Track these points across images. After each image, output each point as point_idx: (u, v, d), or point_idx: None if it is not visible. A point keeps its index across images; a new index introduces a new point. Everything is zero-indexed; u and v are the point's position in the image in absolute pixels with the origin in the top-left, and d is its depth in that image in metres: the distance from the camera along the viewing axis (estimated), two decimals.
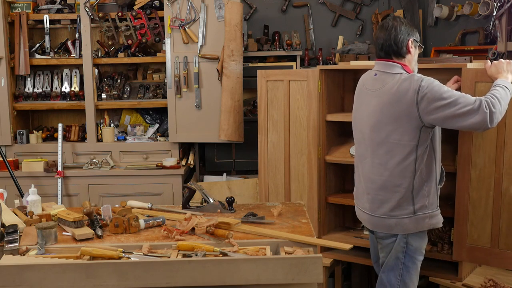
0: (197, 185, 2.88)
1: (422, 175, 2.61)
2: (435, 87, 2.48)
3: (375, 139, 2.65)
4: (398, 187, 2.62)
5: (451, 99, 2.46)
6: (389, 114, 2.58)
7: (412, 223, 2.65)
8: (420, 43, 2.72)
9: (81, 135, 4.49)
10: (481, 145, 2.82)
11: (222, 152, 4.53)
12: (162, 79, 4.54)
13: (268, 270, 2.07)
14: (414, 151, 2.57)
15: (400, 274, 2.72)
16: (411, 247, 2.68)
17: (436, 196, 2.70)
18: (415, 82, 2.51)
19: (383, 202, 2.66)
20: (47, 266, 2.06)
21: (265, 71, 3.73)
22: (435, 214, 2.70)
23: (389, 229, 2.70)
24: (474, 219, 2.90)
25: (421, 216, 2.64)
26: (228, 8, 4.07)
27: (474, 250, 2.91)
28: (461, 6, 4.31)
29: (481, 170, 2.83)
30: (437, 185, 2.71)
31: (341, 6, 4.88)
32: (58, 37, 4.64)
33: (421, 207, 2.64)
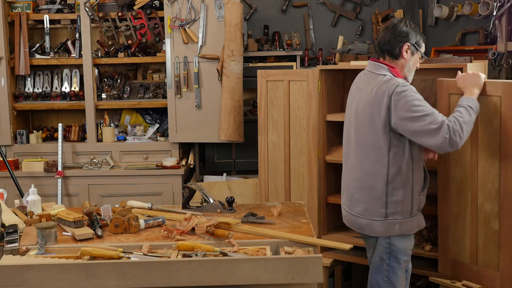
0: (197, 185, 2.88)
1: (396, 180, 2.58)
2: (408, 97, 2.45)
3: (356, 139, 2.67)
4: (373, 189, 2.62)
5: (418, 113, 2.43)
6: (367, 115, 2.59)
7: (382, 226, 2.63)
8: (421, 52, 2.65)
9: (81, 135, 4.49)
10: (458, 159, 2.72)
11: (222, 152, 4.53)
12: (162, 79, 4.54)
13: (268, 270, 2.07)
14: (386, 154, 2.56)
15: (386, 275, 2.69)
16: (394, 248, 2.65)
17: (412, 203, 2.63)
18: (391, 87, 2.50)
19: (358, 201, 2.67)
20: (47, 266, 2.06)
21: (265, 71, 3.73)
22: (407, 221, 2.63)
23: (360, 228, 2.72)
24: (455, 233, 2.81)
25: (391, 221, 2.62)
26: (228, 8, 4.07)
27: (456, 265, 2.81)
28: (461, 6, 4.31)
29: (459, 185, 2.74)
30: (418, 193, 2.66)
31: (341, 6, 4.88)
32: (58, 37, 4.64)
33: (393, 213, 2.61)
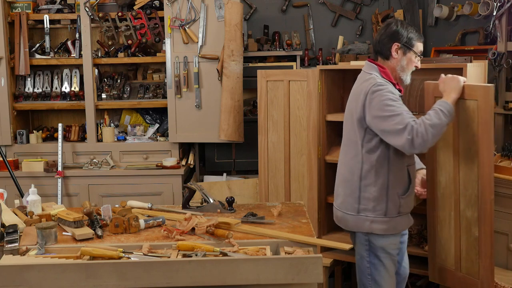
0: (197, 185, 2.88)
1: (369, 177, 2.62)
2: (382, 96, 2.50)
3: (343, 135, 2.77)
4: (349, 183, 2.68)
5: (388, 113, 2.47)
6: (349, 112, 2.69)
7: (353, 221, 2.68)
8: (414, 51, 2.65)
9: (81, 135, 4.49)
10: (443, 164, 2.70)
11: (222, 152, 4.53)
12: (162, 79, 4.54)
13: (268, 270, 2.07)
14: (360, 151, 2.62)
15: (369, 273, 2.70)
16: (373, 245, 2.66)
17: (388, 204, 2.63)
18: (368, 86, 2.56)
19: (338, 195, 2.76)
20: (47, 266, 2.06)
21: (265, 71, 3.73)
22: (380, 221, 2.63)
23: (338, 221, 2.79)
24: (442, 238, 2.80)
25: (362, 218, 2.65)
26: (228, 8, 4.07)
27: (443, 271, 2.79)
28: (461, 6, 4.31)
29: (444, 189, 2.72)
30: (398, 196, 2.65)
31: (341, 6, 4.88)
32: (58, 37, 4.64)
33: (364, 209, 2.64)
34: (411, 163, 2.71)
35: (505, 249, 3.37)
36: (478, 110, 2.50)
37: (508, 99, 3.66)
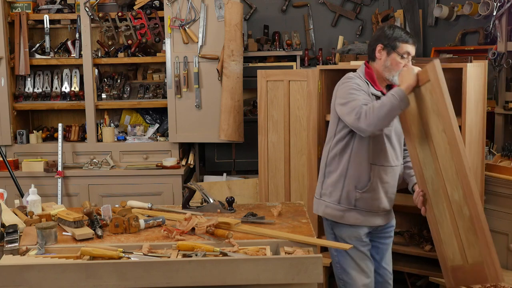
0: (197, 185, 2.88)
1: (333, 164, 2.78)
2: (347, 86, 2.68)
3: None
4: (321, 169, 2.86)
5: (348, 99, 2.64)
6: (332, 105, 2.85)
7: (315, 204, 2.86)
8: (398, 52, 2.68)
9: (81, 135, 4.49)
10: (424, 159, 2.69)
11: (222, 152, 4.53)
12: (162, 79, 4.54)
13: (268, 270, 2.07)
14: (332, 139, 2.79)
15: (337, 261, 2.80)
16: (336, 233, 2.75)
17: (342, 194, 2.75)
18: (341, 79, 2.76)
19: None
20: (47, 266, 2.06)
21: (265, 71, 3.73)
22: (332, 207, 2.76)
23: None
24: (444, 237, 2.75)
25: (321, 202, 2.82)
26: (228, 8, 4.07)
27: (455, 271, 2.73)
28: (461, 6, 4.31)
29: (433, 184, 2.69)
30: (355, 188, 2.72)
31: (341, 6, 4.88)
32: (58, 37, 4.64)
33: (324, 194, 2.80)
34: (379, 164, 2.73)
35: (505, 249, 3.37)
36: (432, 87, 2.50)
37: (508, 99, 3.67)
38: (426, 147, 2.63)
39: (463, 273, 2.63)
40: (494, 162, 3.45)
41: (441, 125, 2.51)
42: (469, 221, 2.48)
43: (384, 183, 2.77)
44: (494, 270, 2.43)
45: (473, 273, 2.57)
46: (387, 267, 2.95)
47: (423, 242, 3.44)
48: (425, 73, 2.54)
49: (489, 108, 3.64)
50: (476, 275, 2.55)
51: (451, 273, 2.70)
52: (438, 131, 2.55)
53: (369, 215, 2.76)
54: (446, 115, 2.46)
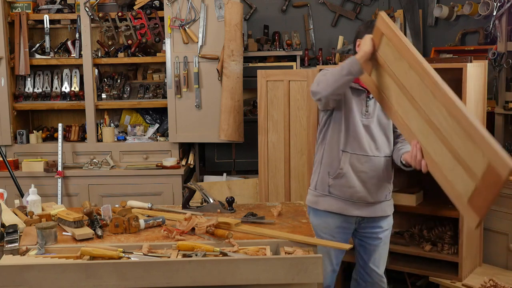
0: (197, 185, 2.88)
1: (316, 154, 2.92)
2: (323, 71, 2.77)
3: None
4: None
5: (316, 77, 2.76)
6: None
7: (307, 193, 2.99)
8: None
9: (81, 135, 4.49)
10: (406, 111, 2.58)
11: (222, 152, 4.53)
12: (162, 79, 4.54)
13: (268, 270, 2.07)
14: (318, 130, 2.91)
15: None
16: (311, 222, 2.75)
17: (318, 179, 2.88)
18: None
19: None
20: (47, 266, 2.06)
21: (265, 71, 3.73)
22: (310, 192, 2.92)
23: None
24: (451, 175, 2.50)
25: (308, 190, 2.96)
26: (228, 8, 4.07)
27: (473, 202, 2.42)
28: (461, 6, 4.31)
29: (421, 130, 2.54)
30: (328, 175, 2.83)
31: (341, 6, 4.89)
32: (58, 37, 4.64)
33: (311, 181, 2.94)
34: (352, 151, 2.77)
35: (505, 249, 3.37)
36: (388, 38, 2.50)
37: (508, 99, 3.66)
38: (403, 100, 2.56)
39: (480, 195, 2.40)
40: None
41: (407, 63, 2.48)
42: (462, 130, 2.36)
43: (359, 172, 2.79)
44: (501, 161, 2.22)
45: (487, 185, 2.34)
46: (376, 269, 2.94)
47: (423, 242, 3.44)
48: (377, 31, 2.54)
49: (489, 108, 3.64)
50: (490, 184, 2.33)
51: (472, 209, 2.45)
52: (406, 72, 2.51)
53: (345, 204, 2.79)
54: (406, 50, 2.44)
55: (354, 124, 2.77)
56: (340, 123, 2.78)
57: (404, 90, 2.56)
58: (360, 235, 2.91)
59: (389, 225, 2.93)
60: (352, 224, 2.86)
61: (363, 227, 2.88)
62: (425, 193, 3.53)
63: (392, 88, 2.62)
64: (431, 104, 2.46)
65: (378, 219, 2.88)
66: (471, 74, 3.06)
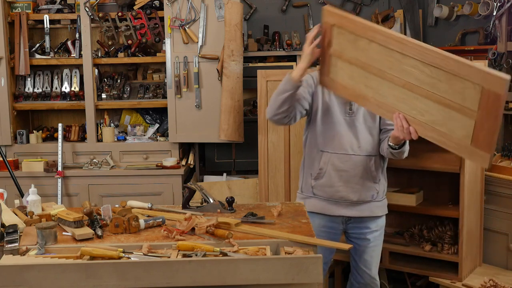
0: (197, 185, 2.88)
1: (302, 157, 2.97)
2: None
3: None
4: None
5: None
6: None
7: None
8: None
9: (81, 135, 4.49)
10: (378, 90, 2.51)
11: (222, 152, 4.53)
12: (162, 79, 4.54)
13: (268, 270, 2.07)
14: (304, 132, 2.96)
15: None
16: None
17: (303, 181, 2.94)
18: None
19: None
20: (47, 266, 2.06)
21: (265, 71, 3.73)
22: (298, 196, 2.99)
23: None
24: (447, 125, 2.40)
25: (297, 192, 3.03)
26: (228, 8, 4.07)
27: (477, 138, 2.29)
28: (461, 6, 4.32)
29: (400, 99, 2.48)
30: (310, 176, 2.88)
31: (341, 6, 4.88)
32: (58, 37, 4.64)
33: (298, 184, 3.01)
34: (331, 151, 2.80)
35: (505, 249, 3.38)
36: (339, 27, 2.49)
37: (508, 99, 3.67)
38: (373, 80, 2.51)
39: (482, 129, 2.28)
40: (494, 162, 3.45)
41: (366, 39, 2.44)
42: (443, 72, 2.28)
43: (340, 171, 2.80)
44: (494, 78, 2.14)
45: (487, 112, 2.23)
46: (367, 270, 2.94)
47: (423, 242, 3.44)
48: (326, 26, 2.54)
49: None
50: (490, 109, 2.22)
51: (479, 147, 2.31)
52: (368, 49, 2.46)
53: (328, 203, 2.81)
54: (362, 25, 2.42)
55: (334, 123, 2.79)
56: (319, 125, 2.81)
57: (370, 69, 2.50)
58: (350, 236, 2.92)
59: (378, 226, 2.92)
60: (338, 224, 2.87)
61: (350, 227, 2.90)
62: (425, 193, 3.53)
63: (357, 75, 2.56)
64: (403, 65, 2.39)
65: (366, 220, 2.88)
66: None
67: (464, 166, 3.09)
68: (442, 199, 3.49)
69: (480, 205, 3.35)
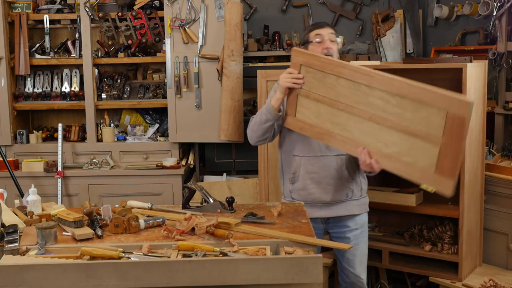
0: (197, 185, 2.88)
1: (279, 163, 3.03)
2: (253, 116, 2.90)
3: None
4: None
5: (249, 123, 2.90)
6: None
7: None
8: (311, 41, 2.83)
9: (81, 135, 4.49)
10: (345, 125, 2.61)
11: (222, 152, 4.53)
12: (162, 79, 4.54)
13: (268, 270, 2.07)
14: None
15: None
16: None
17: (283, 185, 3.01)
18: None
19: None
20: (47, 266, 2.06)
21: (265, 71, 3.73)
22: (282, 201, 3.00)
23: None
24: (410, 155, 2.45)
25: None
26: (228, 8, 4.07)
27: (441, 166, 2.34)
28: (461, 6, 4.32)
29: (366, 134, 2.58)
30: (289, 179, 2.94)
31: (341, 6, 4.88)
32: (58, 37, 4.64)
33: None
34: (302, 154, 2.86)
35: (505, 249, 3.38)
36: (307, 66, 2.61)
37: (508, 99, 3.67)
38: (339, 116, 2.60)
39: (446, 155, 2.32)
40: (494, 162, 3.45)
41: (333, 76, 2.55)
42: (409, 101, 2.33)
43: (312, 173, 2.85)
44: (458, 102, 2.20)
45: (452, 137, 2.27)
46: (351, 269, 2.95)
47: (423, 242, 3.44)
48: (295, 66, 2.67)
49: (489, 108, 3.64)
50: (455, 134, 2.26)
51: (442, 175, 2.35)
52: (335, 85, 2.57)
53: (306, 206, 2.82)
54: (329, 62, 2.54)
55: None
56: (287, 130, 2.86)
57: (338, 105, 2.61)
58: (331, 235, 2.96)
59: (358, 224, 2.94)
60: (319, 225, 2.89)
61: (331, 227, 2.93)
62: (425, 193, 3.53)
63: (324, 112, 2.67)
64: (370, 97, 2.48)
65: (345, 219, 2.91)
66: (471, 74, 3.07)
67: (464, 166, 3.09)
68: (442, 199, 3.48)
69: (480, 205, 3.35)
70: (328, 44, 2.78)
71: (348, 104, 2.55)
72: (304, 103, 2.71)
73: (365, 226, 2.98)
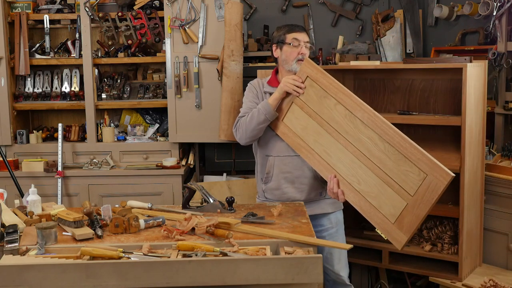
0: (197, 185, 2.88)
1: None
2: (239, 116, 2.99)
3: None
4: None
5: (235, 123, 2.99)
6: None
7: None
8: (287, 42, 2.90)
9: (81, 135, 4.48)
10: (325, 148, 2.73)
11: (222, 152, 4.53)
12: (162, 79, 4.54)
13: (268, 270, 2.07)
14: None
15: None
16: None
17: (258, 185, 3.08)
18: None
19: None
20: (47, 266, 2.06)
21: (265, 71, 3.73)
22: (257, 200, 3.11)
23: None
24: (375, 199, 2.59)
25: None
26: (228, 8, 4.07)
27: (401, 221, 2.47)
28: (461, 6, 4.32)
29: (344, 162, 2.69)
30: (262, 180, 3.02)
31: (341, 6, 4.88)
32: (58, 37, 4.64)
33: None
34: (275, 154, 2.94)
35: (505, 249, 3.38)
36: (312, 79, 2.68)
37: (508, 99, 3.67)
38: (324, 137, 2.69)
39: (410, 213, 2.42)
40: (494, 162, 3.45)
41: (334, 99, 2.62)
42: (396, 151, 2.46)
43: (285, 173, 2.91)
44: (441, 171, 2.33)
45: (421, 200, 2.38)
46: (330, 267, 2.97)
47: (423, 242, 3.44)
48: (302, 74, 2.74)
49: (489, 108, 3.64)
50: (425, 197, 2.38)
51: (400, 229, 2.48)
52: (332, 108, 2.64)
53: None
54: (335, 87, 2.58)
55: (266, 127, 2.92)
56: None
57: (327, 127, 2.69)
58: None
59: (332, 223, 2.99)
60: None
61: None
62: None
63: (311, 128, 2.75)
64: (360, 134, 2.59)
65: (318, 217, 2.96)
66: (471, 74, 3.07)
67: (464, 166, 3.09)
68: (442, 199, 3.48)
69: (480, 205, 3.35)
70: (303, 50, 2.90)
71: (337, 130, 2.64)
72: (295, 112, 2.77)
73: (340, 224, 3.05)
